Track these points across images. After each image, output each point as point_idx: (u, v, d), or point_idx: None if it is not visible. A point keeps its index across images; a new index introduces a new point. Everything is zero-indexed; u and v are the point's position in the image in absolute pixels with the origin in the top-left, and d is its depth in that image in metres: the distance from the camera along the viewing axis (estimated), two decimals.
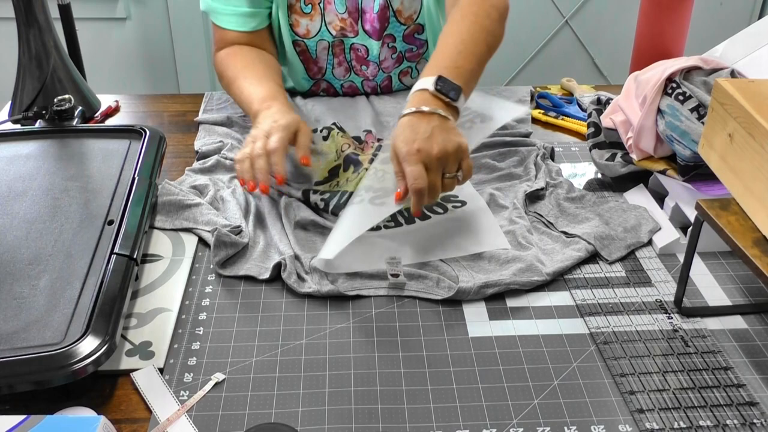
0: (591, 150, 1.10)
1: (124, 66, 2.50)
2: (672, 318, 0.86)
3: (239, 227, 0.96)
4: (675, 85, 0.97)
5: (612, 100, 1.11)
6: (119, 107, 1.35)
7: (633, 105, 1.03)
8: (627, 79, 1.08)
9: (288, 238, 0.95)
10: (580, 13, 2.53)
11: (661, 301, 0.88)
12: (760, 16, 2.58)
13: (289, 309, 0.87)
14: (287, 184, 1.03)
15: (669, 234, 0.97)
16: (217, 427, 0.72)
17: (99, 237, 0.89)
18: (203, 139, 1.20)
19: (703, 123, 0.90)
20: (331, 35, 1.24)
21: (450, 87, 0.91)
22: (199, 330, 0.84)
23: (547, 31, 2.55)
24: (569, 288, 0.90)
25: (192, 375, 0.78)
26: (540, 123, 1.28)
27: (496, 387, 0.77)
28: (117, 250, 0.86)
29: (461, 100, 0.93)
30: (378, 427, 0.72)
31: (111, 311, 0.77)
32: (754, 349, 0.81)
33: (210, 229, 0.96)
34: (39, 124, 1.17)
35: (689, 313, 0.86)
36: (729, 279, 0.92)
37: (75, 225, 0.91)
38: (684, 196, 0.99)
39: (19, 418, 0.67)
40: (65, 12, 1.61)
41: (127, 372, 0.78)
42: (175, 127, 1.28)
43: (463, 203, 1.00)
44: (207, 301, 0.88)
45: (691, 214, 0.95)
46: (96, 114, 1.31)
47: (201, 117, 1.27)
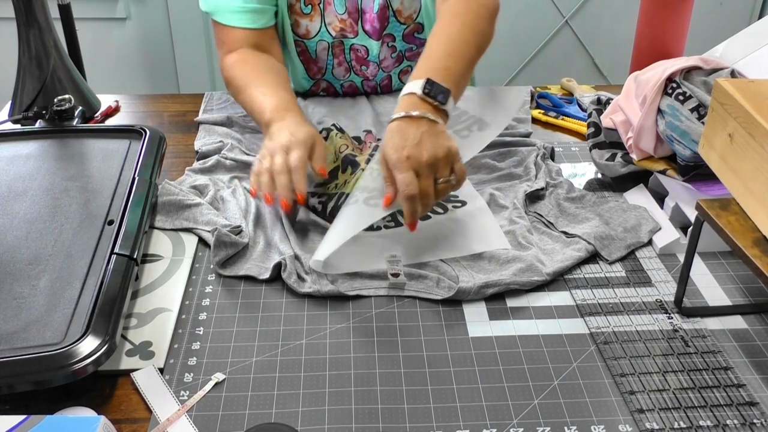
0: (591, 150, 1.10)
1: (124, 66, 2.50)
2: (672, 318, 0.86)
3: (239, 227, 0.96)
4: (675, 85, 0.97)
5: (612, 100, 1.11)
6: (119, 107, 1.35)
7: (633, 105, 1.03)
8: (627, 79, 1.08)
9: (288, 238, 0.95)
10: (580, 13, 2.53)
11: (661, 301, 0.88)
12: (760, 16, 2.58)
13: (289, 309, 0.87)
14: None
15: (669, 234, 0.97)
16: (217, 427, 0.72)
17: (99, 237, 0.89)
18: (203, 139, 1.20)
19: (703, 123, 0.90)
20: (331, 36, 1.23)
21: (438, 90, 0.90)
22: (199, 330, 0.84)
23: (547, 31, 2.55)
24: (569, 288, 0.90)
25: (192, 375, 0.78)
26: (540, 123, 1.28)
27: (496, 387, 0.77)
28: (117, 250, 0.86)
29: (450, 102, 0.92)
30: (378, 427, 0.72)
31: (111, 311, 0.77)
32: (754, 349, 0.81)
33: (210, 229, 0.96)
34: (39, 124, 1.17)
35: (689, 313, 0.86)
36: (729, 279, 0.92)
37: (75, 225, 0.91)
38: (684, 196, 0.99)
39: (19, 418, 0.67)
40: (65, 12, 1.61)
41: (127, 372, 0.78)
42: (175, 127, 1.28)
43: (463, 203, 1.00)
44: (207, 301, 0.88)
45: (691, 214, 0.95)
46: (96, 114, 1.30)
47: (201, 117, 1.27)
